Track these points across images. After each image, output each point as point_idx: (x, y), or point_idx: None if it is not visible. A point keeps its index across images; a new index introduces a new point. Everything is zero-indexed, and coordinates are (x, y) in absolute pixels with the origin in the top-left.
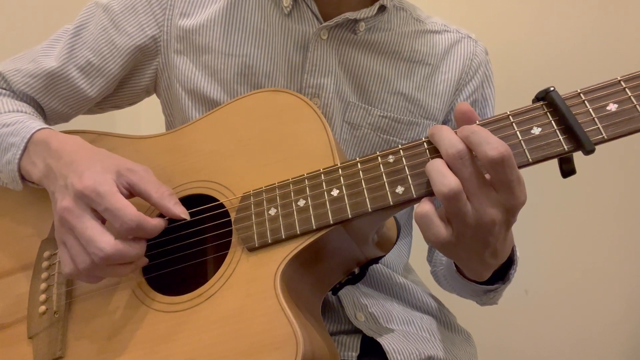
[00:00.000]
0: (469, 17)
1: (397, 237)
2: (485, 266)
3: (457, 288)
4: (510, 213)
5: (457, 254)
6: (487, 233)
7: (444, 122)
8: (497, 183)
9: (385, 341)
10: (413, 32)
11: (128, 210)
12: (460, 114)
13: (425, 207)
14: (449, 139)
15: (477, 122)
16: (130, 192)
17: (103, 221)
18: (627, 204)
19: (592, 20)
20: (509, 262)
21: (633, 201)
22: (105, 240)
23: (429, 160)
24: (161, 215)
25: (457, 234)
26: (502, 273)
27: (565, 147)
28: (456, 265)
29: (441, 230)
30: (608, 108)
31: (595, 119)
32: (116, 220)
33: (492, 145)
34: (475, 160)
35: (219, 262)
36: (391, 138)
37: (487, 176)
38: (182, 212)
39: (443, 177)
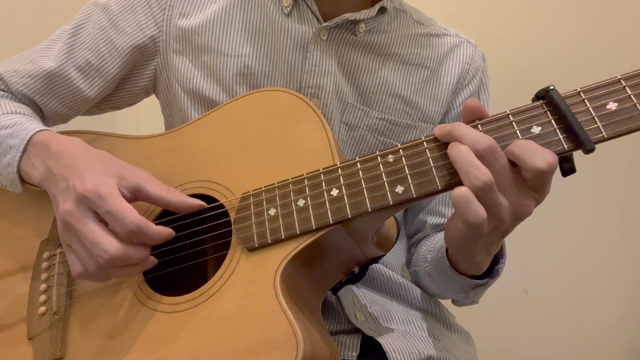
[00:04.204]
0: (468, 16)
1: (397, 236)
2: (488, 257)
3: (443, 285)
4: (538, 203)
5: (475, 247)
6: (515, 225)
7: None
8: (535, 185)
9: (385, 341)
10: (413, 34)
11: (129, 212)
12: (471, 111)
13: (462, 189)
14: (474, 135)
15: (477, 121)
16: (135, 196)
17: (106, 224)
18: (627, 203)
19: (592, 19)
20: (495, 257)
21: (633, 200)
22: (109, 243)
23: (428, 160)
24: (160, 215)
25: (493, 226)
26: (489, 268)
27: (565, 146)
28: (449, 261)
29: (481, 210)
30: (608, 107)
31: (595, 117)
32: (117, 223)
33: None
34: (503, 154)
35: (218, 262)
36: (388, 140)
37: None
38: (198, 203)
39: (475, 169)
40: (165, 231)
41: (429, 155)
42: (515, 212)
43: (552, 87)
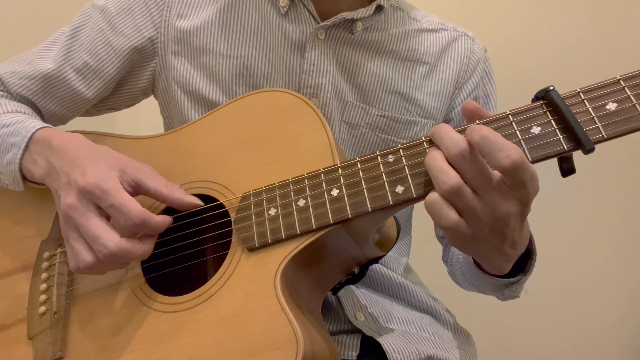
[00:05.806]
0: (467, 17)
1: (397, 236)
2: (505, 258)
3: (478, 284)
4: (524, 204)
5: (477, 249)
6: (504, 226)
7: (444, 122)
8: (511, 183)
9: (385, 341)
10: (410, 31)
11: (133, 206)
12: (468, 112)
13: (433, 194)
14: (450, 138)
15: (477, 121)
16: (135, 190)
17: (108, 218)
18: (627, 203)
19: (591, 19)
20: (528, 252)
21: (633, 200)
22: (110, 238)
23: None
24: (164, 212)
25: (474, 229)
26: (522, 264)
27: (565, 146)
28: (475, 262)
29: (452, 214)
30: (607, 107)
31: (595, 118)
32: (121, 217)
33: (504, 153)
34: (479, 157)
35: (219, 262)
36: (389, 137)
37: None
38: (196, 201)
39: (443, 174)
40: (167, 219)
41: None
42: (493, 214)
43: (551, 88)
